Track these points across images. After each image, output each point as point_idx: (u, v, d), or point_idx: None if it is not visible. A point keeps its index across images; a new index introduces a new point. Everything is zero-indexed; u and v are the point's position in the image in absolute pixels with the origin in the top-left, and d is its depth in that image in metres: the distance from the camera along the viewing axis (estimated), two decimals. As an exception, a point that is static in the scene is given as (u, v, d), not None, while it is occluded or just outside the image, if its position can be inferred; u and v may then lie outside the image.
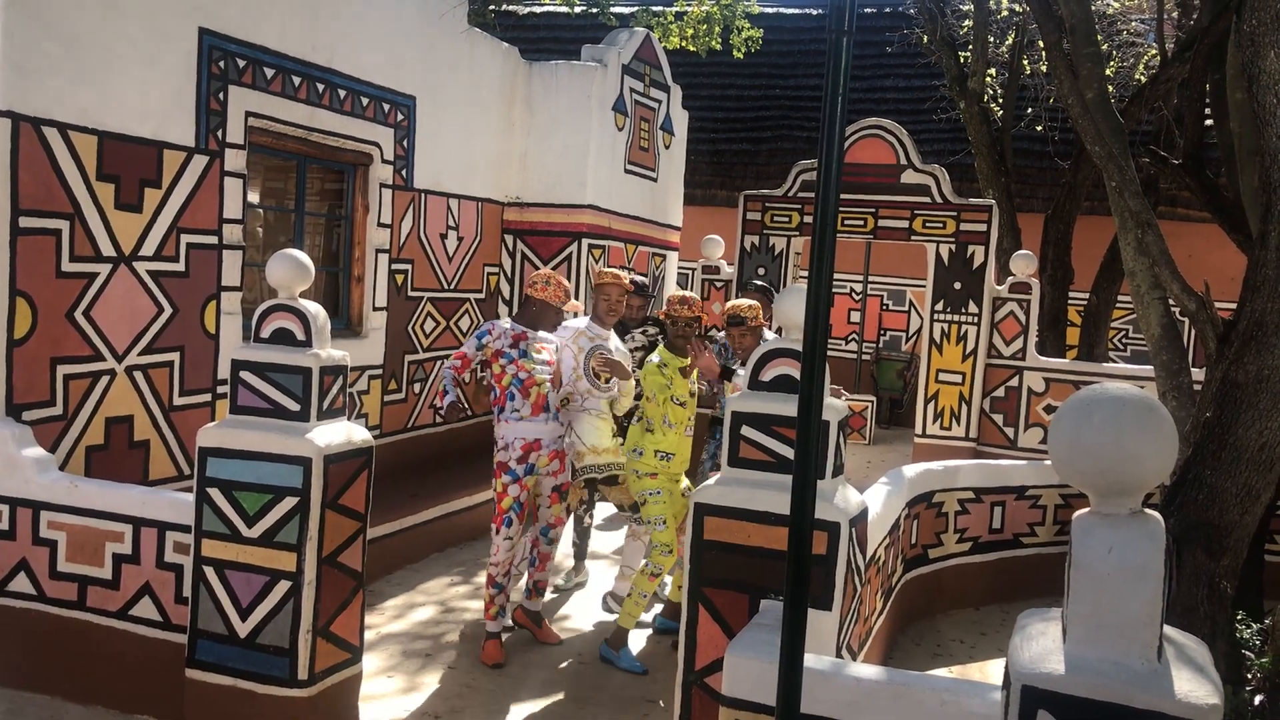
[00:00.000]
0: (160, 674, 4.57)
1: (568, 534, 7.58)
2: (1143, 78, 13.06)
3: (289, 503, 4.31)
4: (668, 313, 5.68)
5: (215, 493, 4.40)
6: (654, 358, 5.66)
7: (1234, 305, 5.22)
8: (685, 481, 5.82)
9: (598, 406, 5.76)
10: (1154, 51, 12.77)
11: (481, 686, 5.25)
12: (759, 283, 7.50)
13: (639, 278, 6.38)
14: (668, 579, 6.16)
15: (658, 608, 6.24)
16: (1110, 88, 8.63)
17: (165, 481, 5.89)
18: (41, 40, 5.02)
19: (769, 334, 5.84)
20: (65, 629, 4.72)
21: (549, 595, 6.65)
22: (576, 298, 9.07)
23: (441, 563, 7.12)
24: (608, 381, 5.77)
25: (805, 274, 5.67)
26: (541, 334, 5.68)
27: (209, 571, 4.43)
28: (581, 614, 6.40)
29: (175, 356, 5.94)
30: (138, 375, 5.71)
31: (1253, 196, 6.02)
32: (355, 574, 4.62)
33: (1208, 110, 8.53)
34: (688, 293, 5.71)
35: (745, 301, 5.79)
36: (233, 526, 4.38)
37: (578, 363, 5.76)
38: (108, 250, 5.46)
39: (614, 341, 5.93)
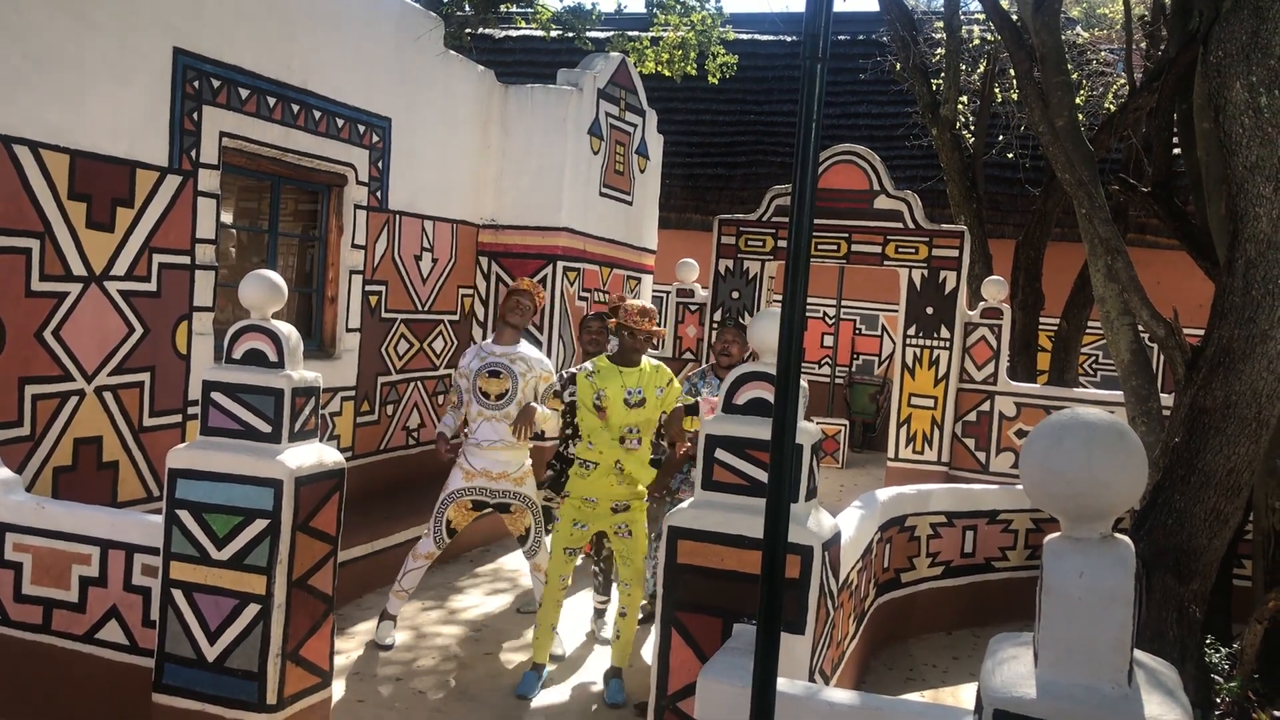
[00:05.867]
0: (127, 698, 4.51)
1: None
2: (1112, 107, 13.24)
3: (259, 525, 4.27)
4: (624, 322, 5.45)
5: (185, 515, 4.35)
6: (587, 365, 5.50)
7: (1202, 331, 5.28)
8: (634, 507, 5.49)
9: (496, 436, 5.88)
10: (1123, 81, 12.94)
11: (453, 711, 5.21)
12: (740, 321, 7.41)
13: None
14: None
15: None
16: (1080, 116, 8.74)
17: (134, 503, 5.83)
18: (13, 58, 4.99)
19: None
20: (29, 653, 4.65)
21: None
22: (550, 319, 9.08)
23: (413, 586, 7.07)
24: (498, 399, 5.86)
25: (779, 298, 5.69)
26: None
27: (177, 594, 4.38)
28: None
29: (146, 377, 5.89)
30: (107, 396, 5.66)
31: (1220, 224, 6.09)
32: (326, 597, 4.58)
33: (1176, 139, 8.65)
34: (648, 304, 5.58)
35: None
36: (202, 549, 4.34)
37: (471, 387, 5.95)
38: (78, 269, 5.42)
39: (524, 348, 6.06)
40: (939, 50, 13.68)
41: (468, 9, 13.30)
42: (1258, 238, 4.70)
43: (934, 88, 12.76)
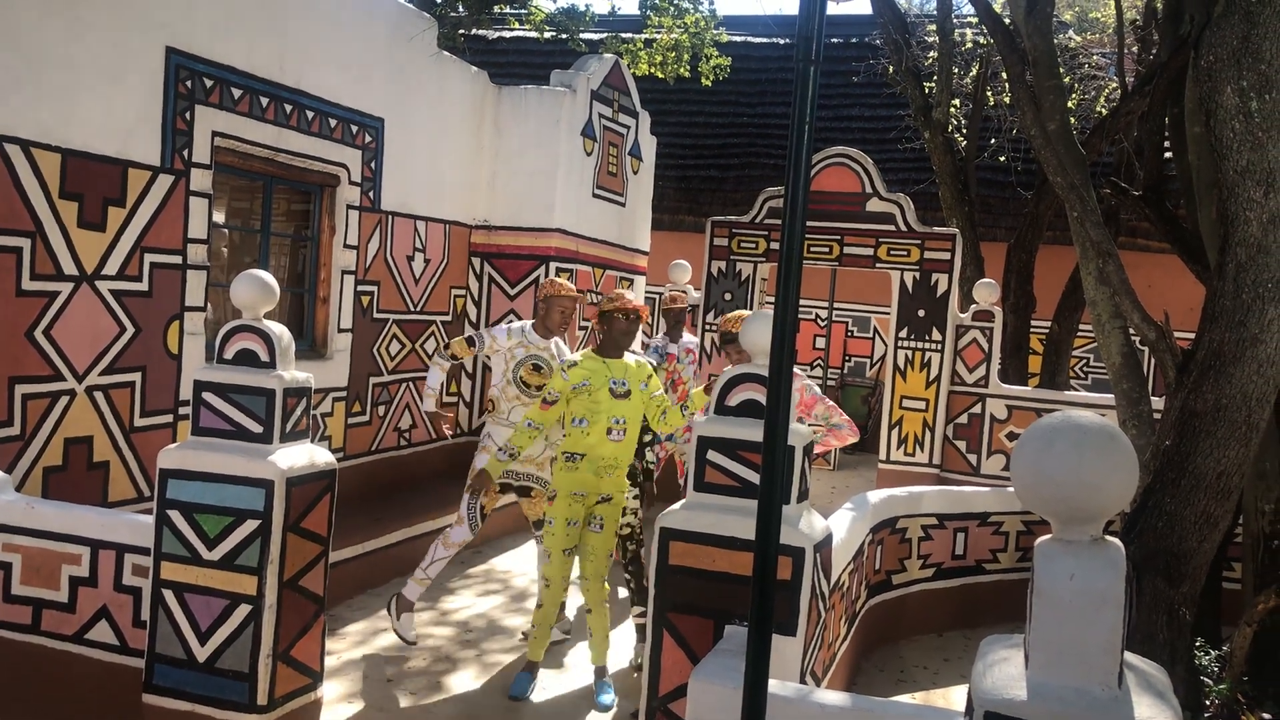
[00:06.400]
0: (116, 699, 4.50)
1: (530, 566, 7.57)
2: (1104, 110, 13.26)
3: (250, 525, 4.27)
4: (610, 308, 5.44)
5: (175, 515, 4.35)
6: (572, 357, 5.44)
7: (1193, 335, 5.30)
8: (628, 499, 5.56)
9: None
10: (1115, 85, 12.97)
11: (444, 713, 5.21)
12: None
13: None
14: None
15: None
16: (1072, 120, 8.76)
17: (125, 503, 5.82)
18: (5, 56, 4.98)
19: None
20: (18, 653, 4.63)
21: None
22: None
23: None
24: (538, 389, 5.86)
25: (772, 300, 5.64)
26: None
27: (168, 595, 4.37)
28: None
29: (137, 377, 5.88)
30: (98, 395, 5.64)
31: (1211, 228, 6.11)
32: (317, 598, 4.58)
33: (1167, 143, 8.68)
34: (622, 290, 5.59)
35: (738, 313, 5.60)
36: (193, 549, 4.33)
37: (508, 369, 5.96)
38: (69, 269, 5.40)
39: (555, 348, 6.07)
40: (932, 53, 13.70)
41: (461, 10, 13.29)
42: (1248, 242, 4.71)
43: (926, 91, 12.79)
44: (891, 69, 13.27)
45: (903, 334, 10.50)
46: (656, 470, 6.44)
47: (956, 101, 13.74)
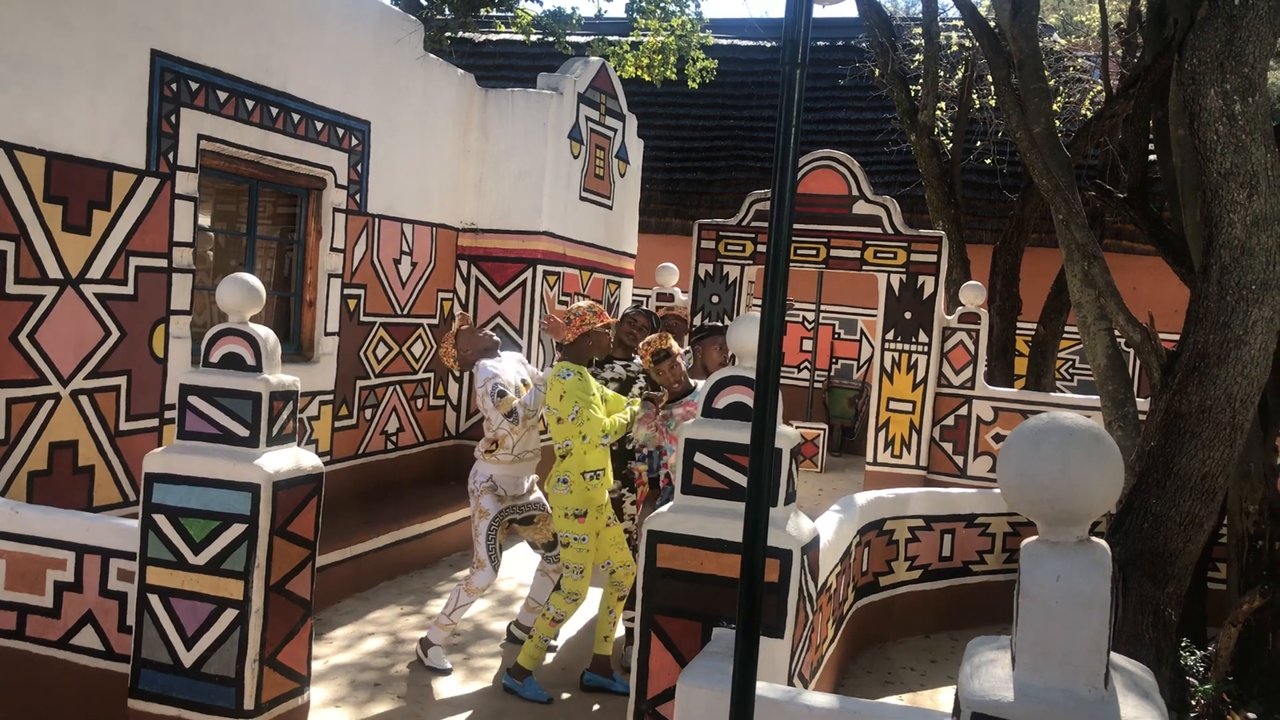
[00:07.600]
0: (102, 705, 4.48)
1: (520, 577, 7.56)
2: (1089, 113, 13.33)
3: (237, 530, 4.25)
4: (602, 328, 5.47)
5: (161, 519, 4.33)
6: (564, 375, 5.29)
7: (1178, 336, 5.32)
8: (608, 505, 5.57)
9: (534, 446, 5.81)
10: (1099, 88, 13.03)
11: (430, 717, 5.19)
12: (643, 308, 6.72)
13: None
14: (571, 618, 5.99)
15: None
16: (1057, 122, 8.79)
17: (110, 508, 5.79)
18: (-11, 59, 4.96)
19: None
20: (3, 659, 4.61)
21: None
22: (530, 322, 9.07)
23: (392, 591, 7.05)
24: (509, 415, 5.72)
25: (759, 302, 5.63)
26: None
27: (154, 599, 4.35)
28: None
29: (122, 381, 5.85)
30: (83, 400, 5.62)
31: (1195, 230, 6.14)
32: (303, 602, 4.56)
33: (1152, 146, 8.72)
34: (591, 301, 5.62)
35: (656, 336, 5.51)
36: (179, 554, 4.31)
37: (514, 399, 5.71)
38: (54, 272, 5.38)
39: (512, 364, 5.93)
40: (918, 56, 13.74)
41: (448, 13, 13.28)
42: (1232, 243, 4.74)
43: (912, 94, 12.82)
44: (877, 72, 13.31)
45: (889, 336, 10.53)
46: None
47: (942, 104, 13.79)
